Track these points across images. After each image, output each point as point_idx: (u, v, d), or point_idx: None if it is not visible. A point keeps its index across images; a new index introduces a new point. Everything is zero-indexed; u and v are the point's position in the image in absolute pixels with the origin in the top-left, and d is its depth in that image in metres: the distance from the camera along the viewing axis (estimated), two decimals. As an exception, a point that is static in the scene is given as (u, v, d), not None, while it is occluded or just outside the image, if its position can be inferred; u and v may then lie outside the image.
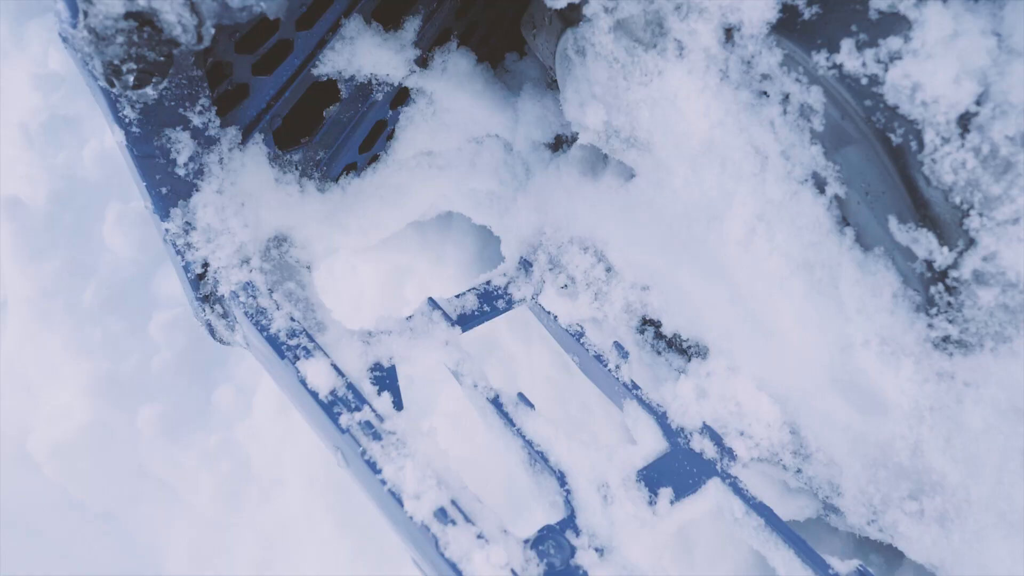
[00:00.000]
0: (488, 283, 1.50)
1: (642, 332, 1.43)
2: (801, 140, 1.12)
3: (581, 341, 1.41)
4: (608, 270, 1.43)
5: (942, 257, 1.02)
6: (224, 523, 1.98)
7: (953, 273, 1.03)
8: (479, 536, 1.06)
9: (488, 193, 1.64)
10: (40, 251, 2.13)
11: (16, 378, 2.09)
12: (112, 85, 1.18)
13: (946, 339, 1.07)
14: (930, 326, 1.07)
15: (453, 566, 1.04)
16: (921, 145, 0.99)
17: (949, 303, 1.04)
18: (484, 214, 1.67)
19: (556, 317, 1.44)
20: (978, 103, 0.96)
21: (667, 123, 1.21)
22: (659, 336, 1.42)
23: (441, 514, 1.07)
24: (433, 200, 1.66)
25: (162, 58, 1.16)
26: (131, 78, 1.17)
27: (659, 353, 1.42)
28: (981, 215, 0.99)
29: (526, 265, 1.51)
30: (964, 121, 0.97)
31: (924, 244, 1.03)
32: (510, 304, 1.48)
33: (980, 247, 1.00)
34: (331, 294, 1.90)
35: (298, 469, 1.89)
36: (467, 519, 1.08)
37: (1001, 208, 0.98)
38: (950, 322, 1.05)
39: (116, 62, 1.11)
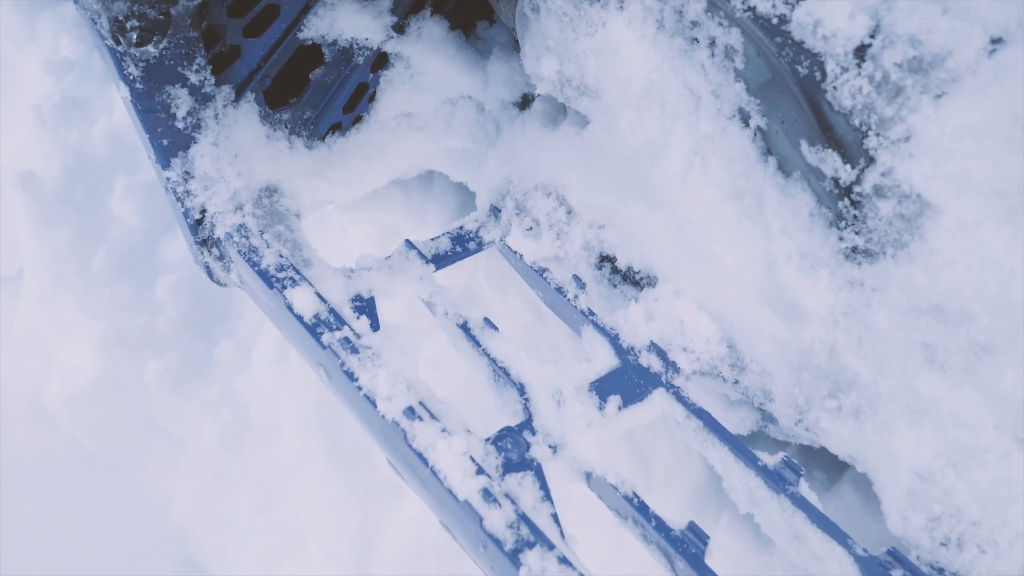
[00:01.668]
0: (461, 228, 1.64)
1: (600, 268, 1.57)
2: (727, 79, 1.26)
3: (544, 276, 1.55)
4: (568, 212, 1.57)
5: (846, 175, 1.16)
6: (225, 470, 2.13)
7: (857, 189, 1.16)
8: (443, 430, 1.20)
9: (463, 151, 1.79)
10: (54, 221, 2.29)
11: (32, 338, 2.25)
12: (118, 43, 1.33)
13: (854, 249, 1.20)
14: (841, 239, 1.21)
15: (419, 455, 1.18)
16: (824, 75, 1.13)
17: (855, 216, 1.18)
18: (460, 171, 1.82)
19: (522, 256, 1.58)
20: (871, 36, 1.10)
21: (611, 70, 1.35)
22: (615, 271, 1.56)
23: (409, 412, 1.21)
24: (413, 159, 1.81)
25: (161, 16, 1.31)
26: (134, 35, 1.32)
27: (615, 286, 1.55)
28: (878, 135, 1.12)
29: (495, 211, 1.65)
30: (860, 52, 1.10)
31: (831, 164, 1.17)
32: (480, 246, 1.62)
33: (878, 164, 1.13)
34: (322, 255, 2.05)
35: (293, 416, 2.03)
36: (433, 416, 1.22)
37: (894, 128, 1.11)
38: (857, 234, 1.19)
39: (121, 18, 1.26)
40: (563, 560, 1.05)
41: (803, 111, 1.18)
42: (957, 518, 1.15)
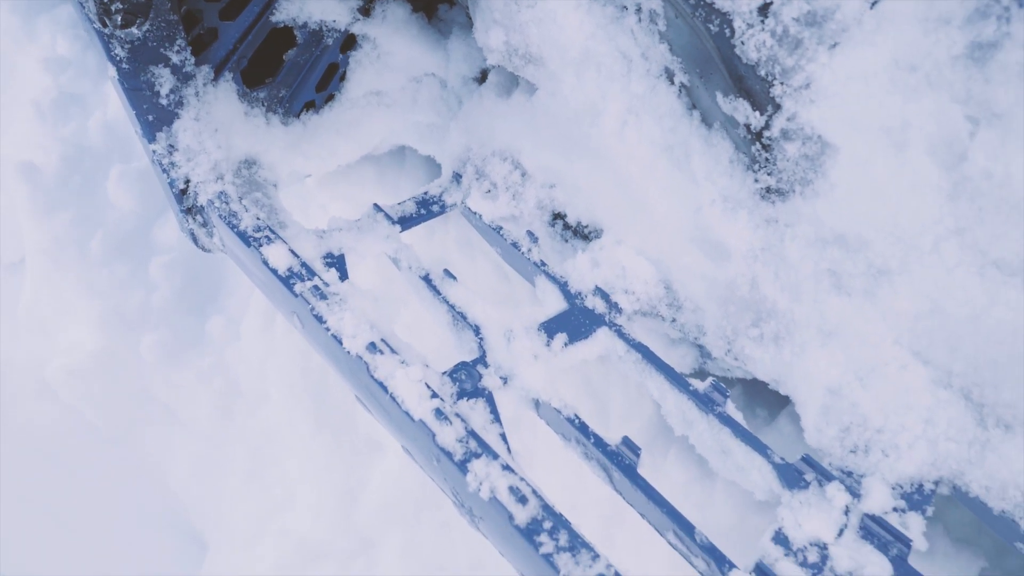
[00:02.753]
0: (426, 193, 1.78)
1: (553, 225, 1.70)
2: (653, 42, 1.39)
3: (501, 233, 1.68)
4: (523, 175, 1.70)
5: (757, 121, 1.29)
6: (218, 437, 2.26)
7: (766, 134, 1.29)
8: (402, 362, 1.33)
9: (429, 125, 1.92)
10: (53, 207, 2.43)
11: (36, 317, 2.38)
12: (104, 25, 1.47)
13: (768, 190, 1.33)
14: (756, 181, 1.34)
15: (380, 384, 1.31)
16: (733, 32, 1.26)
17: (766, 159, 1.31)
18: (427, 144, 1.95)
19: (481, 216, 1.71)
20: (772, -6, 1.23)
21: (551, 38, 1.48)
22: (567, 227, 1.69)
23: (371, 347, 1.34)
24: (383, 134, 1.94)
25: (143, 0, 1.45)
26: (119, 18, 1.46)
27: (567, 241, 1.68)
28: (782, 84, 1.25)
29: (457, 177, 1.79)
30: (763, 9, 1.24)
31: (743, 112, 1.30)
32: (443, 208, 1.75)
33: (784, 110, 1.26)
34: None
35: (280, 382, 2.16)
36: (393, 351, 1.35)
37: (796, 76, 1.24)
38: (769, 175, 1.31)
39: (106, 1, 1.40)
40: (506, 467, 1.18)
41: (717, 66, 1.31)
42: (864, 427, 1.27)
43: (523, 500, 1.13)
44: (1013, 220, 1.11)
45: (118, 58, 1.53)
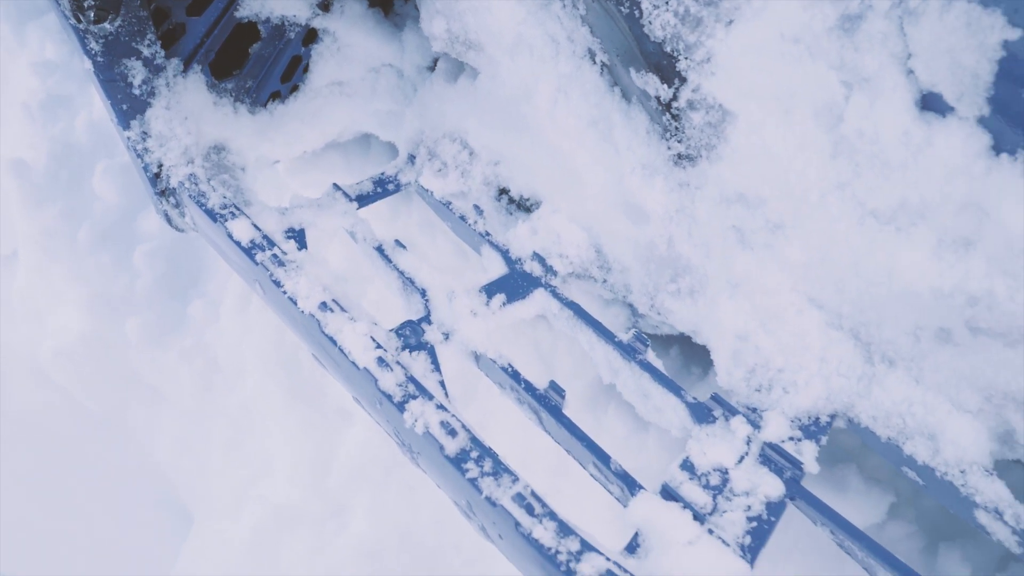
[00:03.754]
0: (382, 173, 1.91)
1: (499, 199, 1.83)
2: (576, 25, 1.53)
3: (450, 208, 1.81)
4: (471, 154, 1.84)
5: (665, 93, 1.42)
6: (200, 413, 2.39)
7: (675, 104, 1.42)
8: (350, 319, 1.46)
9: (388, 112, 2.06)
10: (42, 201, 2.57)
11: (28, 304, 2.52)
12: (79, 20, 1.61)
13: (679, 156, 1.46)
14: (669, 148, 1.47)
15: (330, 338, 1.44)
16: (641, 12, 1.40)
17: (676, 128, 1.44)
18: (388, 131, 2.09)
19: (432, 193, 1.85)
20: (674, -22, 1.36)
21: (487, 25, 1.62)
22: (511, 201, 1.82)
23: (322, 305, 1.47)
24: (345, 121, 2.08)
25: (113, -3, 1.59)
26: (92, 14, 1.60)
27: (511, 214, 1.82)
28: (686, 58, 1.38)
29: (411, 158, 1.92)
30: (666, -8, 1.37)
31: (653, 85, 1.43)
32: (398, 187, 1.89)
33: (689, 82, 1.40)
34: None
35: (256, 358, 2.29)
36: (342, 309, 1.48)
37: (698, 51, 1.37)
38: (679, 142, 1.45)
39: (78, -1, 1.54)
40: (439, 407, 1.31)
41: (629, 44, 1.44)
42: (767, 367, 1.40)
43: (453, 433, 1.26)
44: (884, 174, 1.24)
45: (93, 52, 1.67)
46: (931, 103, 1.18)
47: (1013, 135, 1.11)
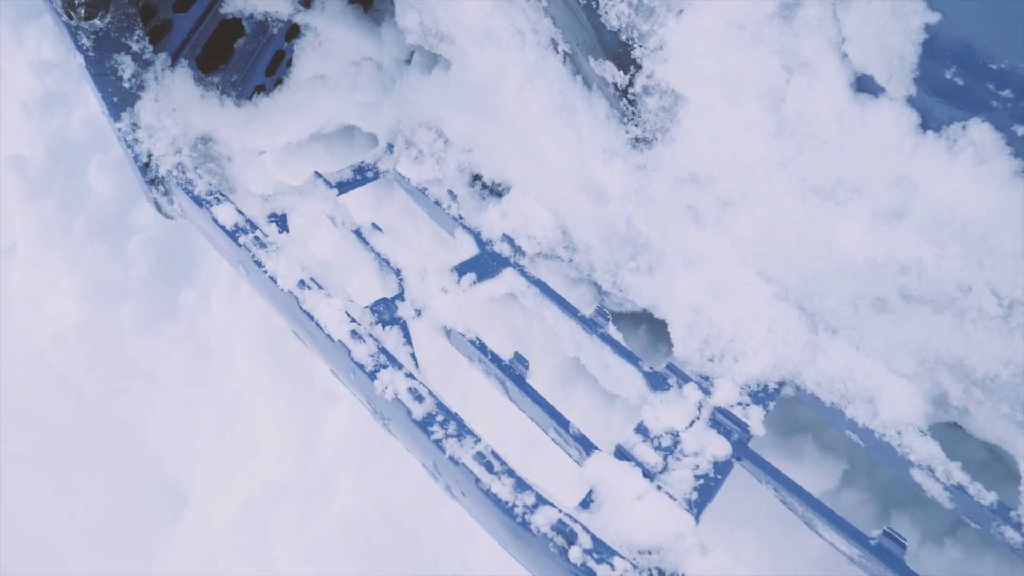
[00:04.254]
0: (362, 162, 2.00)
1: (473, 185, 1.91)
2: (540, 17, 1.61)
3: (425, 193, 1.90)
4: (445, 142, 1.92)
5: (622, 79, 1.50)
6: (192, 396, 2.48)
7: (631, 90, 1.50)
8: (327, 296, 1.54)
9: (368, 104, 2.14)
10: (40, 194, 2.66)
11: (27, 293, 2.61)
12: (70, 17, 1.69)
13: (636, 139, 1.54)
14: (627, 132, 1.55)
15: (308, 314, 1.53)
16: (598, 3, 1.48)
17: (633, 112, 1.52)
18: (368, 121, 2.17)
19: (409, 179, 1.93)
20: (628, -29, 1.44)
21: (457, 18, 1.70)
22: (484, 186, 1.90)
23: (300, 283, 1.56)
24: (328, 113, 2.16)
25: (102, -6, 1.67)
26: (82, 11, 1.68)
27: (484, 199, 1.90)
28: (640, 47, 1.46)
29: (389, 147, 2.01)
30: (621, -16, 1.45)
31: (610, 73, 1.51)
32: (377, 175, 1.97)
33: (644, 69, 1.47)
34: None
35: (244, 344, 2.38)
36: (319, 286, 1.56)
37: (651, 40, 1.45)
38: (636, 126, 1.53)
39: (69, -5, 1.62)
40: (408, 375, 1.39)
41: (588, 34, 1.52)
42: (719, 338, 1.48)
43: (420, 399, 1.34)
44: (823, 152, 1.32)
45: (84, 47, 1.76)
46: (864, 84, 1.25)
47: (938, 113, 1.19)
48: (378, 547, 2.08)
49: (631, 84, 1.50)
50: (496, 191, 1.87)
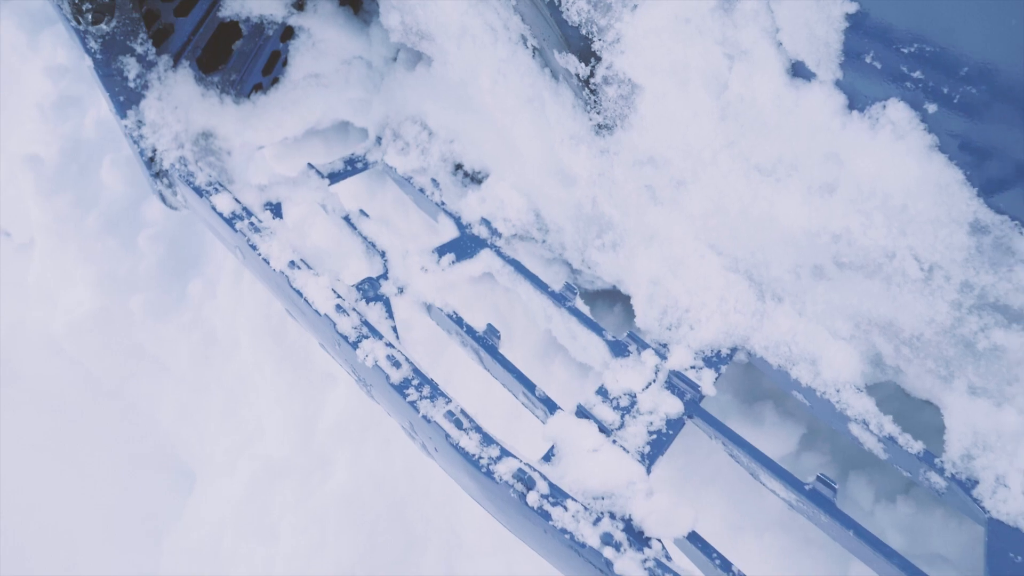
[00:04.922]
0: (352, 154, 2.13)
1: (455, 174, 2.04)
2: (510, 14, 1.73)
3: (411, 182, 2.03)
4: (429, 134, 2.05)
5: (583, 71, 1.62)
6: (199, 381, 2.62)
7: (592, 81, 1.62)
8: (315, 275, 1.67)
9: (360, 100, 2.27)
10: (55, 191, 2.82)
11: (42, 283, 2.77)
12: (78, 22, 1.84)
13: (599, 126, 1.66)
14: (590, 119, 1.67)
15: (297, 292, 1.66)
16: (560, 1, 1.60)
17: (594, 101, 1.64)
18: (360, 117, 2.30)
19: (396, 169, 2.06)
20: (586, -30, 1.56)
21: (434, 16, 1.83)
22: (466, 175, 2.03)
23: (291, 264, 1.69)
24: (323, 110, 2.30)
25: (108, 0, 1.82)
26: (89, 16, 1.83)
27: (466, 187, 2.03)
28: (599, 40, 1.58)
29: (378, 140, 2.14)
30: (580, -17, 1.57)
31: (573, 64, 1.63)
32: (366, 165, 2.11)
33: (603, 61, 1.59)
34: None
35: (248, 330, 2.52)
36: (308, 267, 1.69)
37: (608, 33, 1.57)
38: (598, 114, 1.65)
39: (78, 2, 1.77)
40: (388, 344, 1.52)
41: (552, 30, 1.65)
42: (675, 308, 1.60)
43: (397, 365, 1.47)
44: (763, 132, 1.43)
45: (92, 50, 1.90)
46: (798, 70, 1.37)
47: (861, 94, 1.30)
48: (373, 518, 2.21)
49: (592, 75, 1.62)
50: (476, 178, 2.00)
